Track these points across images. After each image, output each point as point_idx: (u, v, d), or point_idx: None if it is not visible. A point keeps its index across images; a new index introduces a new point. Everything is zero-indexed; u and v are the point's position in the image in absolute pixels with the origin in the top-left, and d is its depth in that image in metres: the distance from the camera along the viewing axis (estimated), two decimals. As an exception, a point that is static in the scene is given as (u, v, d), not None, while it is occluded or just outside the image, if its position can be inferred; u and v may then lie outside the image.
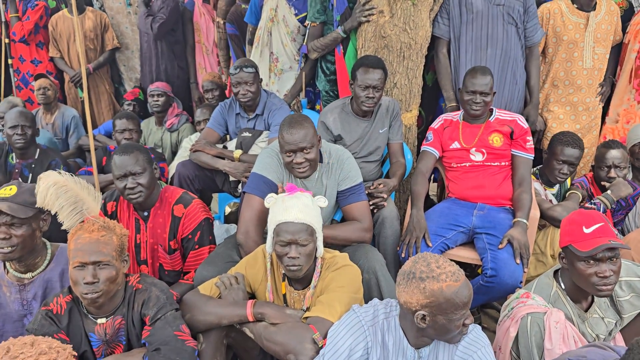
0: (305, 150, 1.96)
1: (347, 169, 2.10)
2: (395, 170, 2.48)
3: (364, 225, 2.05)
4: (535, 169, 2.63)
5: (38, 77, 3.69)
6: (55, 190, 1.52)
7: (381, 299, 1.63)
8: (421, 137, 2.84)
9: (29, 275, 1.73)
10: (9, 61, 4.00)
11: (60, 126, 3.66)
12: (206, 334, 1.63)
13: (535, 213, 2.24)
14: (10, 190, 1.65)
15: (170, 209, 2.04)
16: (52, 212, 1.56)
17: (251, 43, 3.46)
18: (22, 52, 4.01)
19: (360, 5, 2.68)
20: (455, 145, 2.39)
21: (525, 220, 2.14)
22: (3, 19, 3.93)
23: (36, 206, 1.65)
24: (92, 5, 4.19)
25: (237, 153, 2.60)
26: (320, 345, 1.49)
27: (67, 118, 3.66)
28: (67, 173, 1.60)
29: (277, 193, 1.80)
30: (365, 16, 2.66)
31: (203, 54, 4.09)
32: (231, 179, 2.67)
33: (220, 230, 2.69)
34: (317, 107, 3.30)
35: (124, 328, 1.58)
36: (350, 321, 1.48)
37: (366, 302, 1.60)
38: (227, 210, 3.14)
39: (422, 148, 2.47)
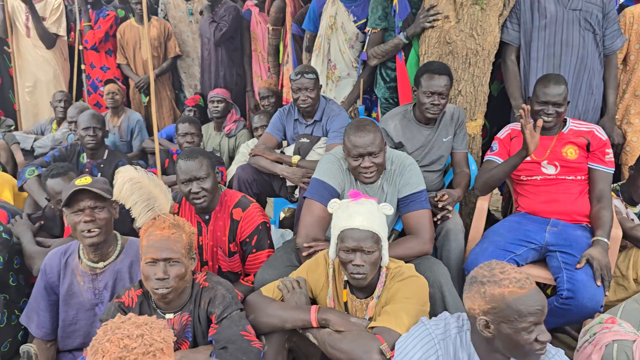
0: (373, 155, 1.92)
1: (407, 175, 2.03)
2: (460, 181, 2.38)
3: (423, 239, 1.95)
4: (616, 184, 2.43)
5: (107, 82, 3.89)
6: (131, 186, 1.57)
7: None
8: (485, 148, 2.72)
9: (101, 264, 1.80)
10: (82, 67, 4.25)
11: (126, 129, 3.84)
12: (269, 336, 1.62)
13: (617, 232, 2.06)
14: (85, 180, 1.74)
15: (230, 213, 2.06)
16: (127, 207, 1.61)
17: (308, 50, 3.48)
18: (92, 59, 4.26)
19: (425, 10, 2.63)
20: (525, 157, 2.26)
21: (606, 239, 1.97)
22: (78, 28, 4.20)
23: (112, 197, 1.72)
24: (156, 14, 4.39)
25: (295, 159, 2.60)
26: (388, 357, 1.43)
27: (133, 121, 3.84)
28: (142, 169, 1.64)
29: (338, 199, 1.76)
30: (429, 22, 2.60)
31: (259, 62, 4.17)
32: (288, 184, 2.67)
33: (276, 235, 2.70)
34: (374, 114, 3.26)
35: (191, 325, 1.60)
36: (419, 333, 1.41)
37: (430, 318, 1.52)
38: (282, 215, 3.15)
39: (486, 157, 2.35)
